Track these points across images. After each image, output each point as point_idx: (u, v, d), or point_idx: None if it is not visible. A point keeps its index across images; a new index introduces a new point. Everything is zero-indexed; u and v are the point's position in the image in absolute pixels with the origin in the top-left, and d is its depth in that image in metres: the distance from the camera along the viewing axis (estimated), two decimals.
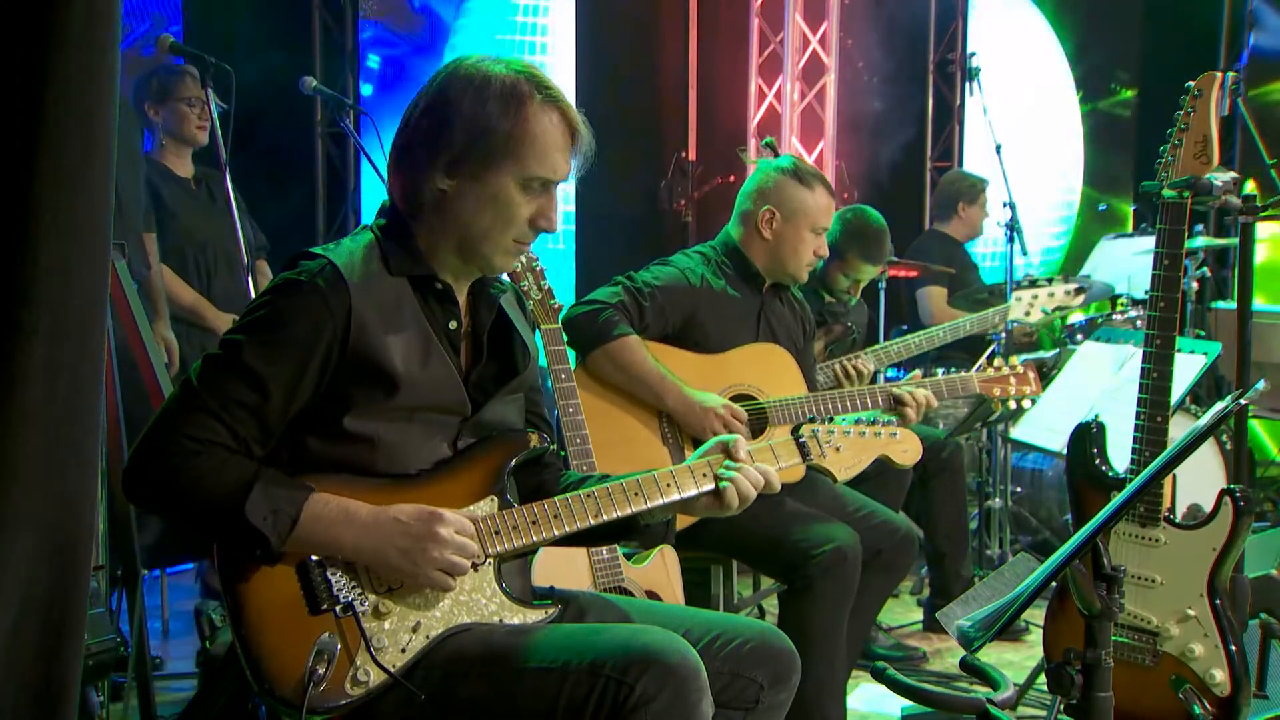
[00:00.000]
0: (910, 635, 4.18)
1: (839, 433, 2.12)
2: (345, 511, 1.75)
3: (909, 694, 1.62)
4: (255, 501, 1.70)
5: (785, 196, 3.16)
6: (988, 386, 3.22)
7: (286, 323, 1.76)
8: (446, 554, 1.75)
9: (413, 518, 1.76)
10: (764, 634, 1.98)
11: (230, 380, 1.74)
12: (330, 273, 1.78)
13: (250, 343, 1.76)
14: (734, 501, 1.92)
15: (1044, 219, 7.53)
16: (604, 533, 2.00)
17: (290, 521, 1.72)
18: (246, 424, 1.74)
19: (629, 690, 1.66)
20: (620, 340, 2.96)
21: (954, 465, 4.17)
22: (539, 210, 1.85)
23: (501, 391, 1.93)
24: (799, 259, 3.18)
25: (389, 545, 1.75)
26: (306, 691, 1.70)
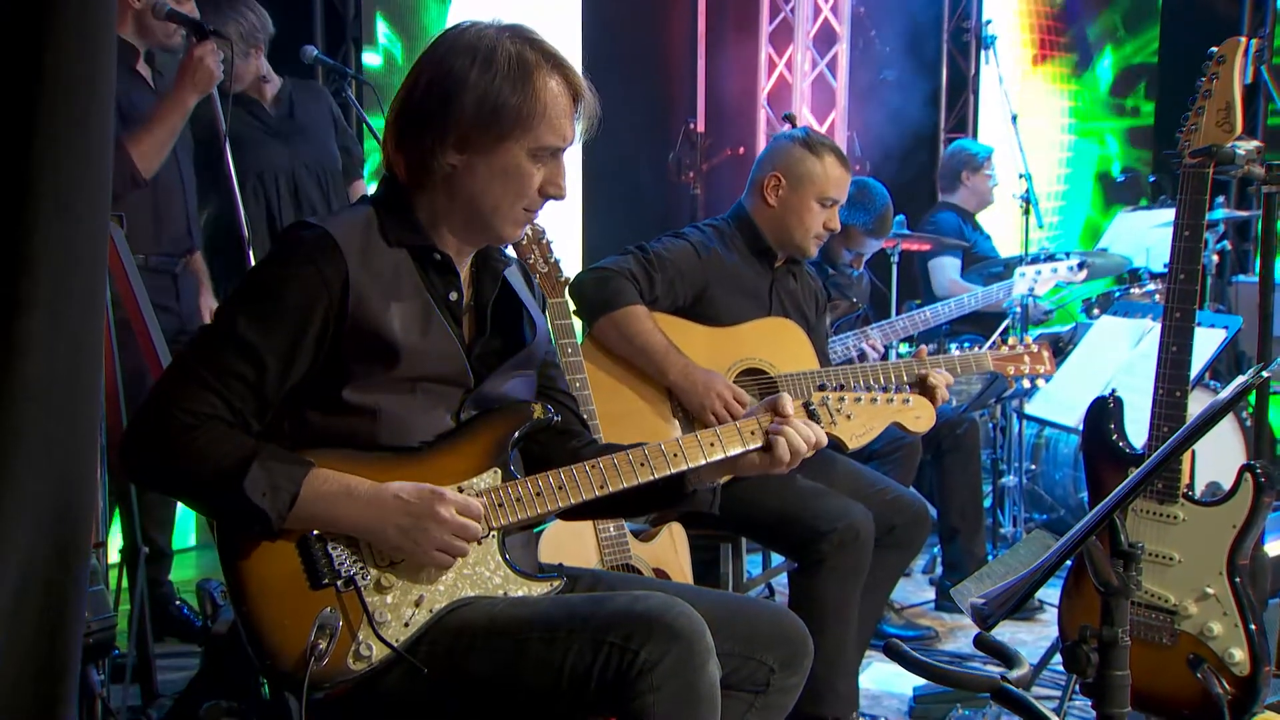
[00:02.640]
0: (922, 615, 4.18)
1: (850, 400, 2.12)
2: (346, 487, 1.75)
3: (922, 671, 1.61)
4: (254, 478, 1.70)
5: (792, 163, 3.15)
6: (1001, 364, 3.22)
7: (281, 293, 1.76)
8: (446, 535, 1.76)
9: (414, 496, 1.76)
10: (776, 615, 1.98)
11: (225, 352, 1.74)
12: (326, 242, 1.78)
13: (245, 314, 1.76)
14: (784, 455, 1.92)
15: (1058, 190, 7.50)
16: (652, 498, 2.00)
17: (290, 498, 1.72)
18: (243, 397, 1.75)
19: (633, 656, 1.67)
20: (626, 309, 2.96)
21: (968, 441, 4.16)
22: (548, 178, 1.85)
23: (506, 365, 1.93)
24: (805, 229, 3.16)
25: (389, 523, 1.75)
26: (308, 667, 1.71)
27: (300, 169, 3.78)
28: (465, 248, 1.92)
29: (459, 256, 1.91)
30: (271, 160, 3.70)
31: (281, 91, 3.85)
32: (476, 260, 1.97)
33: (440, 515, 1.75)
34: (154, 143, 3.18)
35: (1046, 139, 7.60)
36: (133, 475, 1.78)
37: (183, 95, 3.16)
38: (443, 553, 1.77)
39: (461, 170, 1.83)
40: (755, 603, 2.04)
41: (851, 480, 3.15)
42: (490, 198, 1.83)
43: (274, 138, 3.77)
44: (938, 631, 3.91)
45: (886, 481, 3.22)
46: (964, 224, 5.46)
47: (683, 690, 1.67)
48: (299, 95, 3.88)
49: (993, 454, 4.77)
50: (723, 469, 1.98)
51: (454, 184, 1.84)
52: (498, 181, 1.82)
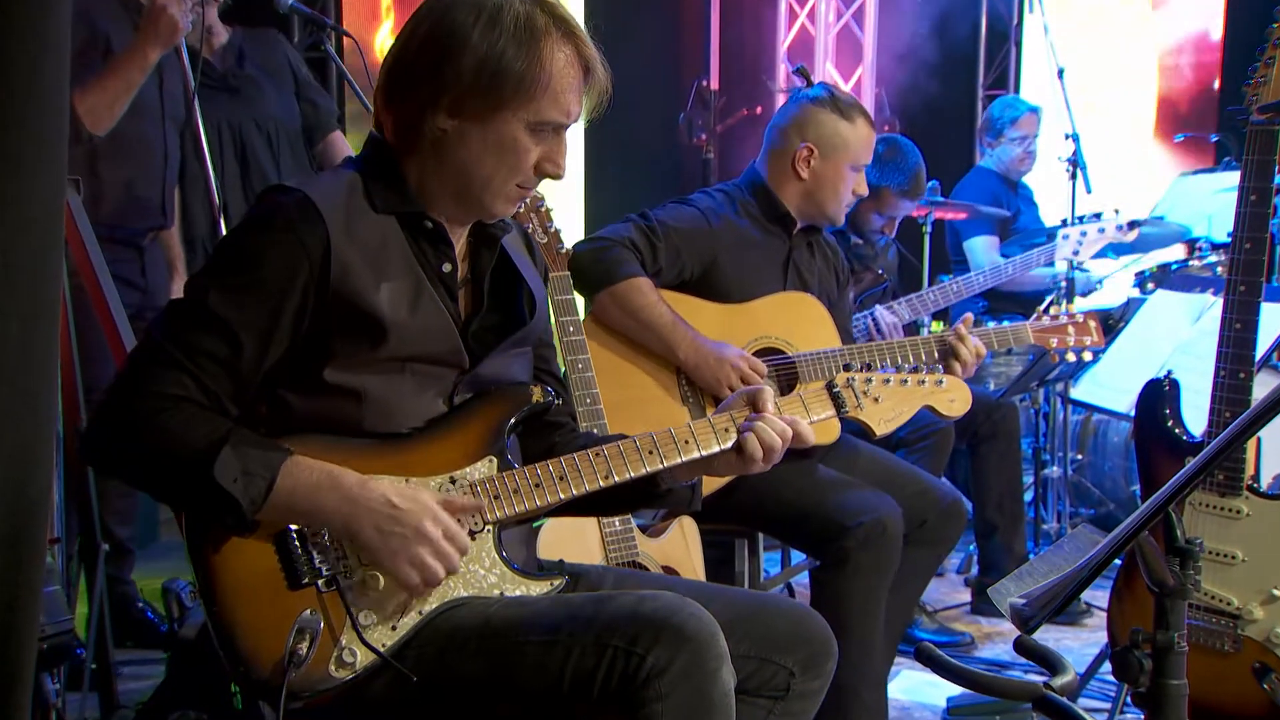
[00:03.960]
0: (957, 619, 4.19)
1: (877, 381, 2.11)
2: (329, 478, 1.75)
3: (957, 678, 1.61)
4: (225, 462, 1.70)
5: (824, 131, 3.14)
6: (1043, 337, 3.21)
7: (257, 263, 1.76)
8: (423, 551, 1.75)
9: (406, 501, 1.75)
10: (796, 614, 1.99)
11: (197, 329, 1.74)
12: (305, 207, 1.78)
13: (217, 287, 1.76)
14: (756, 453, 1.92)
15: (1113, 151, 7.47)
16: (621, 498, 2.01)
17: (265, 486, 1.72)
18: (217, 377, 1.74)
19: (639, 660, 1.67)
20: (629, 281, 2.96)
21: (1007, 429, 4.16)
22: (546, 154, 1.85)
23: (504, 343, 1.93)
24: (838, 199, 3.17)
25: (370, 524, 1.74)
26: (286, 674, 1.71)
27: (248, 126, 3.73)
28: (457, 219, 1.92)
29: (453, 225, 1.91)
30: (215, 117, 3.67)
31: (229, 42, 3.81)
32: (474, 228, 1.97)
33: (424, 530, 1.75)
34: (105, 97, 3.16)
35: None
36: (95, 462, 1.79)
37: (143, 47, 3.14)
38: (413, 569, 1.76)
39: (452, 136, 1.82)
40: (773, 600, 2.04)
41: (878, 470, 3.15)
42: (481, 170, 1.83)
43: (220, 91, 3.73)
44: (973, 638, 3.91)
45: (916, 472, 3.22)
46: (1004, 190, 5.44)
47: (693, 698, 1.68)
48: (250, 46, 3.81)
49: (1034, 442, 4.76)
50: (697, 468, 1.98)
51: (443, 151, 1.84)
52: (491, 153, 1.82)
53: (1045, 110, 5.47)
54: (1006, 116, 5.42)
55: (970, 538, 4.49)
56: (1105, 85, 7.29)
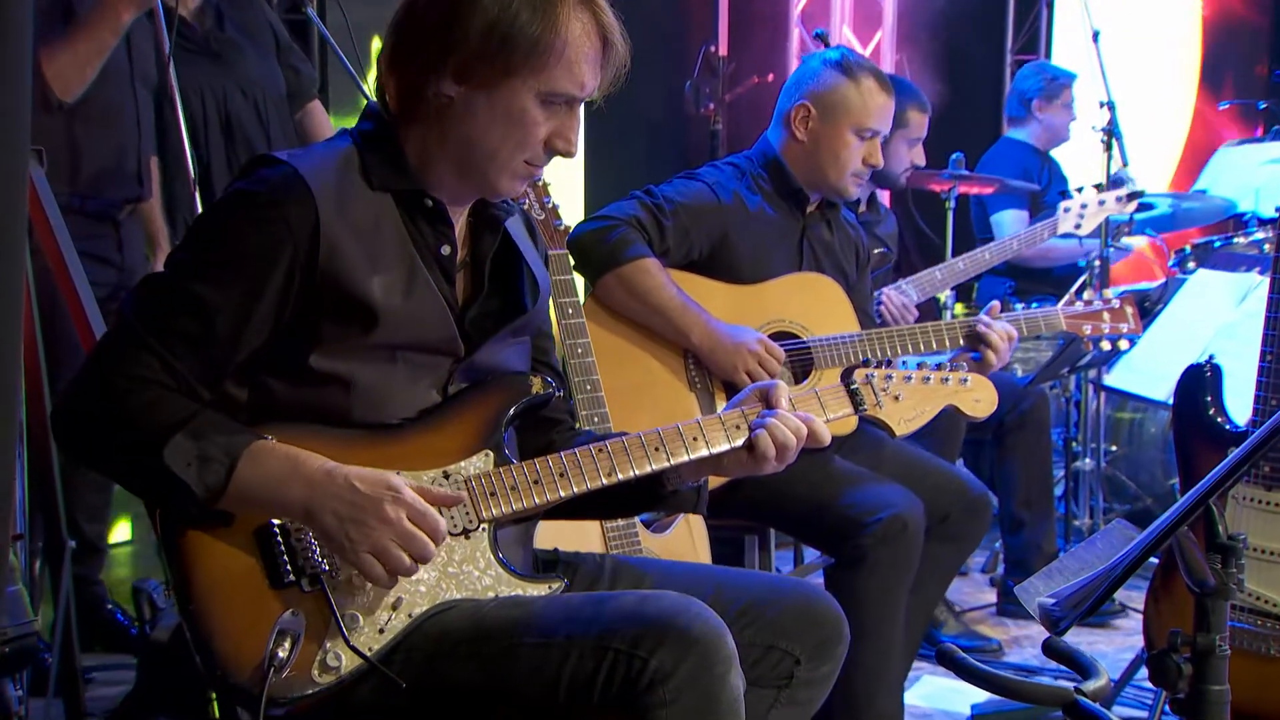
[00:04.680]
0: (982, 621, 4.20)
1: (898, 379, 2.12)
2: (293, 464, 1.74)
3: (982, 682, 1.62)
4: (179, 446, 1.69)
5: (823, 89, 3.13)
6: (1075, 323, 3.21)
7: (237, 240, 1.76)
8: (385, 538, 1.72)
9: (368, 484, 1.73)
10: (805, 596, 1.99)
11: (169, 308, 1.75)
12: (293, 181, 1.78)
13: (194, 263, 1.76)
14: (769, 453, 1.92)
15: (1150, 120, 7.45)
16: (622, 500, 2.01)
17: (224, 472, 1.71)
18: (188, 360, 1.75)
19: (641, 664, 1.68)
20: (635, 262, 2.96)
21: (1035, 419, 4.17)
22: (557, 130, 1.84)
23: (502, 330, 1.94)
24: (840, 167, 3.15)
25: (327, 508, 1.72)
26: (266, 679, 1.72)
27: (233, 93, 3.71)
28: (459, 198, 1.92)
29: (453, 205, 1.91)
30: (197, 83, 3.66)
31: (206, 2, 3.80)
32: (475, 207, 1.97)
33: (385, 513, 1.72)
34: (74, 60, 3.15)
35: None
36: (64, 446, 1.79)
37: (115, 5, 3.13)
38: (375, 559, 1.73)
39: (458, 104, 1.82)
40: (782, 583, 2.05)
41: (898, 462, 3.15)
42: (487, 142, 1.83)
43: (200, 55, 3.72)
44: (1000, 643, 3.92)
45: (938, 463, 3.22)
46: (1035, 163, 5.43)
47: (701, 704, 1.68)
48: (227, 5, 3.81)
49: (1065, 433, 4.77)
50: (704, 467, 1.98)
51: (447, 120, 1.83)
52: (498, 124, 1.82)
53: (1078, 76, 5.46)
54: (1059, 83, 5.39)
55: (996, 534, 4.49)
56: (1144, 49, 7.26)
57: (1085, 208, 4.06)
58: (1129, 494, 4.96)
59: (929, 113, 4.21)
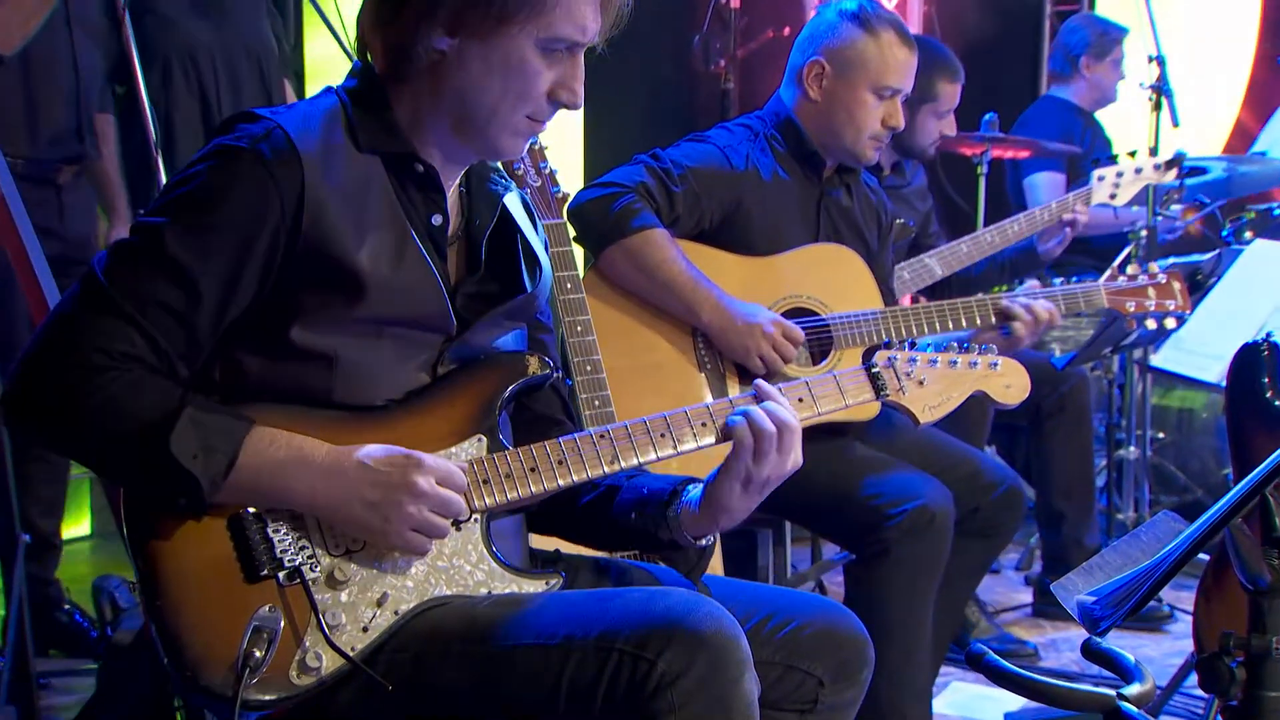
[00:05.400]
0: (1016, 623, 4.21)
1: (922, 362, 2.13)
2: (298, 452, 1.77)
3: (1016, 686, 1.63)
4: (183, 434, 1.71)
5: (838, 44, 3.13)
6: (1119, 300, 3.21)
7: (222, 200, 1.77)
8: (424, 511, 1.77)
9: (384, 463, 1.77)
10: (828, 615, 2.01)
11: (150, 275, 1.75)
12: (278, 140, 1.79)
13: (175, 227, 1.76)
14: (746, 440, 1.88)
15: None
16: (619, 530, 2.02)
17: (226, 462, 1.73)
18: (171, 333, 1.75)
19: (648, 666, 1.68)
20: (642, 234, 2.97)
21: (1075, 404, 4.17)
22: (560, 79, 1.85)
23: (496, 311, 1.94)
24: (857, 129, 3.14)
25: (353, 497, 1.76)
26: (240, 680, 1.73)
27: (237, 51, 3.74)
28: (454, 161, 1.93)
29: (446, 171, 1.92)
30: (202, 39, 3.67)
31: None
32: (470, 180, 1.98)
33: (418, 486, 1.76)
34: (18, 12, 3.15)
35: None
36: (22, 427, 1.79)
37: None
38: (419, 534, 1.78)
39: (451, 59, 1.83)
40: (802, 598, 2.06)
41: (924, 449, 3.16)
42: (485, 97, 1.83)
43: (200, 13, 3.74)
44: (1036, 646, 3.93)
45: (968, 450, 3.23)
46: (1078, 124, 5.41)
47: (712, 709, 1.69)
48: None
49: (1108, 418, 4.77)
50: (707, 505, 1.92)
51: (441, 76, 1.84)
52: (496, 76, 1.82)
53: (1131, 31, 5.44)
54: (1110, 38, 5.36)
55: (1031, 529, 4.50)
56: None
57: (1121, 175, 4.06)
58: (1178, 485, 4.97)
59: (961, 82, 4.18)
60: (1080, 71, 5.42)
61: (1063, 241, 4.06)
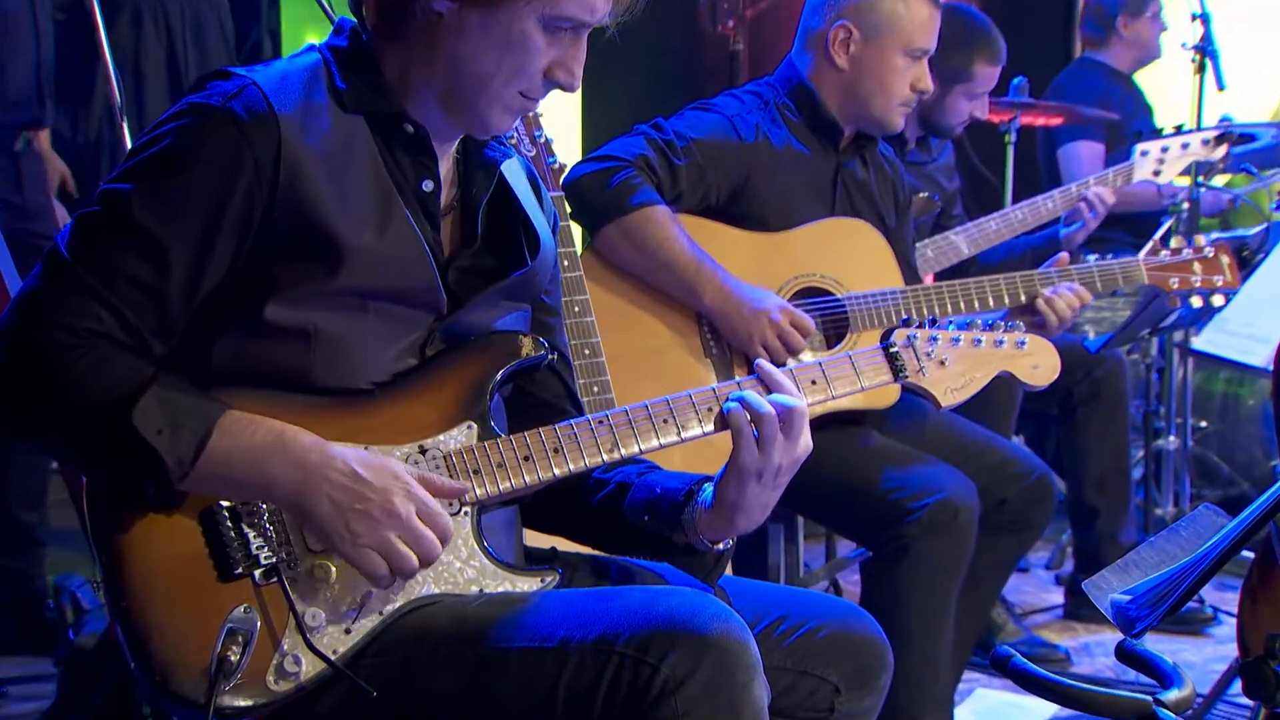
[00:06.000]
0: (1046, 626, 4.22)
1: (944, 341, 2.14)
2: (279, 437, 1.76)
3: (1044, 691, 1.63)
4: (148, 409, 1.71)
5: (866, 5, 3.13)
6: (1159, 275, 3.21)
7: (192, 163, 1.77)
8: (392, 534, 1.75)
9: (373, 473, 1.76)
10: (843, 617, 2.02)
11: (116, 247, 1.76)
12: (253, 97, 1.79)
13: (141, 193, 1.76)
14: (742, 426, 1.88)
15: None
16: (628, 532, 2.02)
17: (196, 443, 1.73)
18: (141, 307, 1.76)
19: (650, 671, 1.69)
20: (642, 211, 2.97)
21: (1110, 389, 4.18)
22: (560, 59, 1.86)
23: (493, 289, 1.95)
24: (888, 96, 3.15)
25: (324, 495, 1.75)
26: (214, 687, 1.73)
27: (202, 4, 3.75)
28: (444, 129, 1.93)
29: (438, 134, 1.92)
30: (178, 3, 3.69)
31: None
32: (466, 146, 1.98)
33: (394, 508, 1.75)
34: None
35: None
36: None
37: None
38: (380, 556, 1.76)
39: (449, 22, 1.83)
40: (813, 598, 2.07)
41: (946, 438, 3.17)
42: (480, 68, 1.84)
43: None
44: (1068, 651, 3.94)
45: (994, 440, 3.24)
46: (1116, 88, 5.40)
47: (719, 718, 1.70)
48: None
49: (1146, 406, 4.77)
50: (719, 505, 1.92)
51: (436, 40, 1.85)
52: (493, 49, 1.83)
53: None
54: None
55: (1063, 525, 4.50)
56: None
57: (1166, 151, 4.04)
58: (1221, 477, 4.97)
59: (1002, 64, 4.13)
60: (1118, 32, 5.40)
61: (1085, 227, 4.04)
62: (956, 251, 3.92)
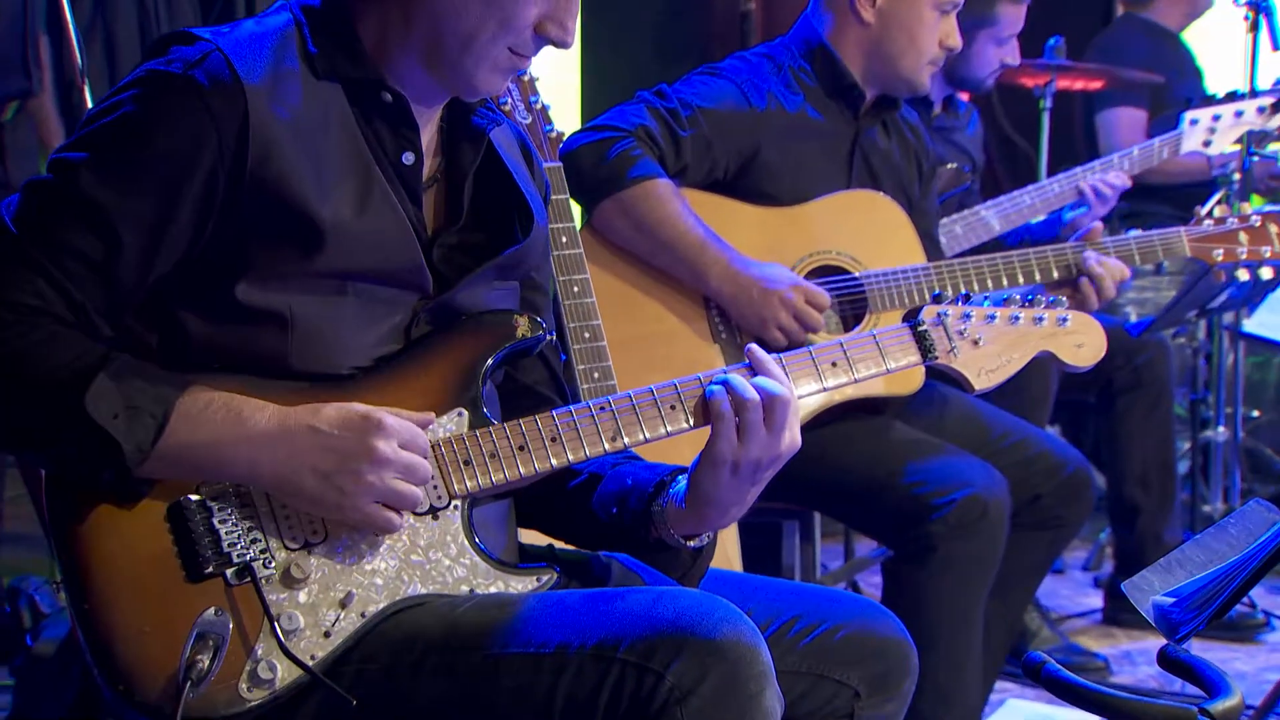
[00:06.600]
0: (1084, 632, 4.23)
1: (978, 318, 2.12)
2: (238, 416, 1.77)
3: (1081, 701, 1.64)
4: (102, 392, 1.71)
5: None
6: (1203, 247, 3.20)
7: (148, 134, 1.77)
8: (388, 478, 1.77)
9: (338, 425, 1.77)
10: (863, 616, 2.02)
11: (63, 219, 1.76)
12: (217, 65, 1.79)
13: (93, 164, 1.77)
14: (726, 410, 1.88)
15: None
16: (599, 527, 2.03)
17: (155, 426, 1.73)
18: (87, 285, 1.76)
19: (655, 679, 1.69)
20: (643, 185, 2.98)
21: (1154, 376, 4.17)
22: (549, 12, 1.86)
23: (485, 267, 1.95)
24: (917, 53, 3.16)
25: (303, 466, 1.77)
26: (182, 695, 1.73)
27: None
28: (425, 101, 1.93)
29: (420, 105, 1.92)
30: None
31: None
32: (451, 113, 1.98)
33: (378, 451, 1.76)
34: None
35: None
36: None
37: None
38: (384, 507, 1.79)
39: None
40: (831, 596, 2.08)
41: (975, 429, 3.18)
42: (462, 24, 1.84)
43: None
44: (1108, 659, 3.95)
45: (1026, 430, 3.24)
46: (1161, 50, 5.38)
47: None
48: None
49: (1193, 394, 4.77)
50: (693, 497, 1.92)
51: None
52: (477, 1, 1.83)
53: None
54: None
55: (1101, 522, 4.51)
56: None
57: (1218, 120, 4.03)
58: (1274, 471, 4.98)
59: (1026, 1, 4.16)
60: None
61: (1091, 213, 4.00)
62: (987, 228, 3.91)
